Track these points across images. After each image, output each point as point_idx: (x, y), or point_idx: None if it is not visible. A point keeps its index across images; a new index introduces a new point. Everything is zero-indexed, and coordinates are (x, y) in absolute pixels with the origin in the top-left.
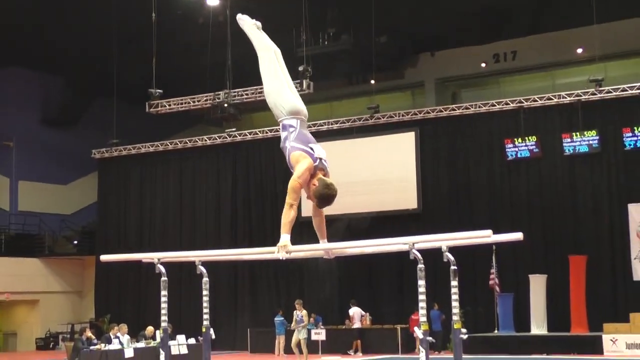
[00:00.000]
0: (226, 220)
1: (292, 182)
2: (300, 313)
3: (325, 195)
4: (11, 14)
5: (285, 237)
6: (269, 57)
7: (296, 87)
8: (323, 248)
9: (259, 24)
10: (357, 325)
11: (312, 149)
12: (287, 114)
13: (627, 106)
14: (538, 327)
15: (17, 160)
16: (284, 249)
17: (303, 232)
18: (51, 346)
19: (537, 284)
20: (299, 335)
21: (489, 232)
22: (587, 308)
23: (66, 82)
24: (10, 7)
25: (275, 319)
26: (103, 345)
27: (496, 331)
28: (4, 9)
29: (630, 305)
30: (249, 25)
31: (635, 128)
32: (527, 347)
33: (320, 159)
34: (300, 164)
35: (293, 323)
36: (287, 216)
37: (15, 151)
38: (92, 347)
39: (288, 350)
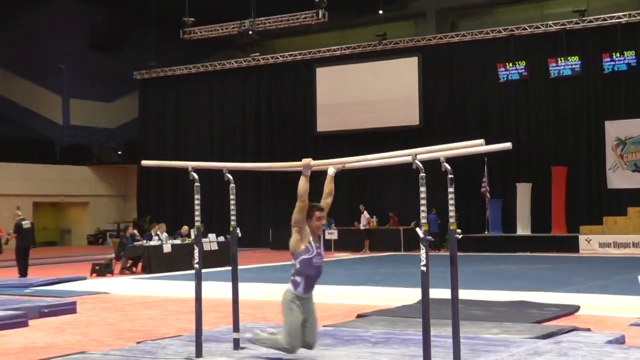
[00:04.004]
0: (251, 135)
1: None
2: None
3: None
4: None
5: (307, 159)
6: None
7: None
8: (340, 162)
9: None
10: (364, 227)
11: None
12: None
13: (606, 34)
14: (523, 229)
15: (67, 81)
16: (308, 163)
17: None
18: (100, 241)
19: (523, 191)
20: None
21: (482, 141)
22: (566, 212)
23: (110, 12)
24: None
25: None
26: (145, 241)
27: (486, 232)
28: None
29: (603, 210)
30: None
31: (614, 54)
32: (513, 245)
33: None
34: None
35: None
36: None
37: (66, 72)
38: (135, 243)
39: None
